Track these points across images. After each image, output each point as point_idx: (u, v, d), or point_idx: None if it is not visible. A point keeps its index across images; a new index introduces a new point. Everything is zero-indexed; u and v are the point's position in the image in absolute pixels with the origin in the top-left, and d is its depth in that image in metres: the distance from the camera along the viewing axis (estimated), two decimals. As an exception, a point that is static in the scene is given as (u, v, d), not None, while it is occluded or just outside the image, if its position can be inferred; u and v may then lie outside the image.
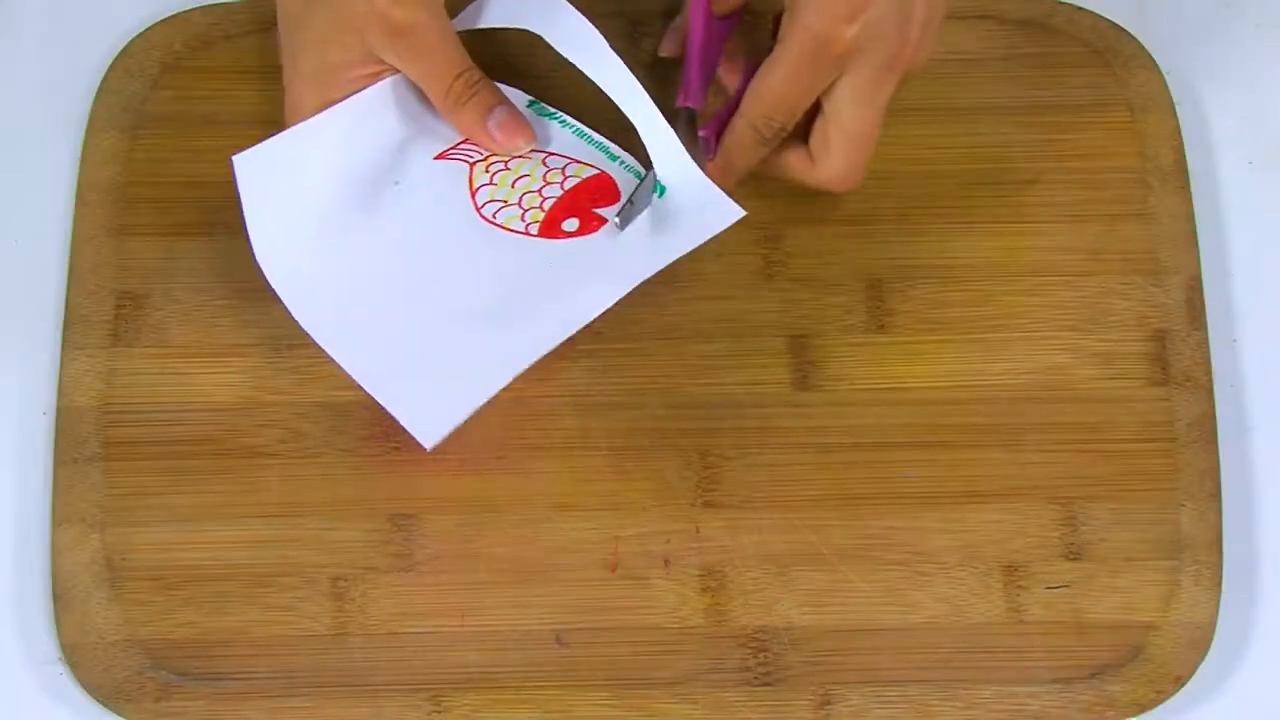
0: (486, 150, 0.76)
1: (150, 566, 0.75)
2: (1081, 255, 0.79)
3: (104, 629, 0.74)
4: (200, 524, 0.75)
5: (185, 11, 0.82)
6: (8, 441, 0.78)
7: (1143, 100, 0.81)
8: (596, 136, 0.77)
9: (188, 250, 0.79)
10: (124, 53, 0.81)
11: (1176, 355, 0.78)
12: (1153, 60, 0.82)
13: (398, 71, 0.74)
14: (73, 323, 0.78)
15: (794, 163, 0.76)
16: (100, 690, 0.74)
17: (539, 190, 0.75)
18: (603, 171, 0.76)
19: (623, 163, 0.76)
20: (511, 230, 0.75)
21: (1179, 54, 0.83)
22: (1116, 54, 0.82)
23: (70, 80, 0.82)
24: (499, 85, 0.76)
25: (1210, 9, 0.85)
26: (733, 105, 0.75)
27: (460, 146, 0.76)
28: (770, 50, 0.73)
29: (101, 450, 0.76)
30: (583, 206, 0.75)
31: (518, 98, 0.77)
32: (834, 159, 0.74)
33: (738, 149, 0.75)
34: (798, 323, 0.78)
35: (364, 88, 0.74)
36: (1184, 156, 0.81)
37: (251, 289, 0.78)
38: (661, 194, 0.75)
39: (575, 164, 0.76)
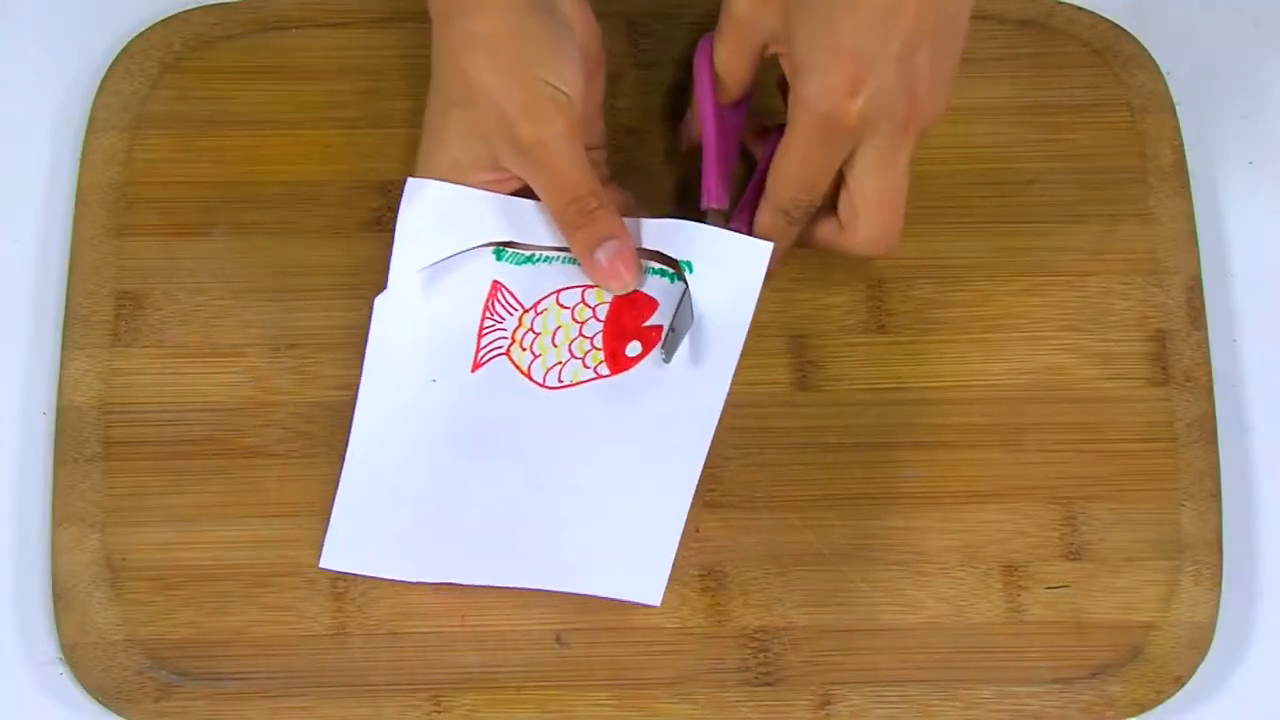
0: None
1: (150, 566, 0.75)
2: (1081, 255, 0.79)
3: (104, 629, 0.74)
4: (200, 524, 0.75)
5: (185, 11, 0.82)
6: (8, 441, 0.78)
7: (1143, 100, 0.81)
8: None
9: (188, 250, 0.79)
10: (124, 53, 0.81)
11: (1176, 355, 0.78)
12: (1153, 60, 0.82)
13: (522, 183, 0.74)
14: (73, 323, 0.78)
15: (827, 234, 0.75)
16: (100, 690, 0.74)
17: (580, 333, 0.74)
18: None
19: None
20: (585, 383, 0.73)
21: (1179, 54, 0.83)
22: (1116, 54, 0.82)
23: (70, 80, 0.82)
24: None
25: (1210, 9, 0.85)
26: (756, 186, 0.74)
27: (483, 341, 0.75)
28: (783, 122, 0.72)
29: (101, 450, 0.76)
30: (632, 328, 0.74)
31: (483, 250, 0.75)
32: (865, 226, 0.73)
33: (770, 234, 0.74)
34: (798, 323, 0.78)
35: (490, 190, 0.74)
36: (1184, 156, 0.81)
37: (251, 289, 0.78)
38: (691, 271, 0.73)
39: (589, 289, 0.75)
